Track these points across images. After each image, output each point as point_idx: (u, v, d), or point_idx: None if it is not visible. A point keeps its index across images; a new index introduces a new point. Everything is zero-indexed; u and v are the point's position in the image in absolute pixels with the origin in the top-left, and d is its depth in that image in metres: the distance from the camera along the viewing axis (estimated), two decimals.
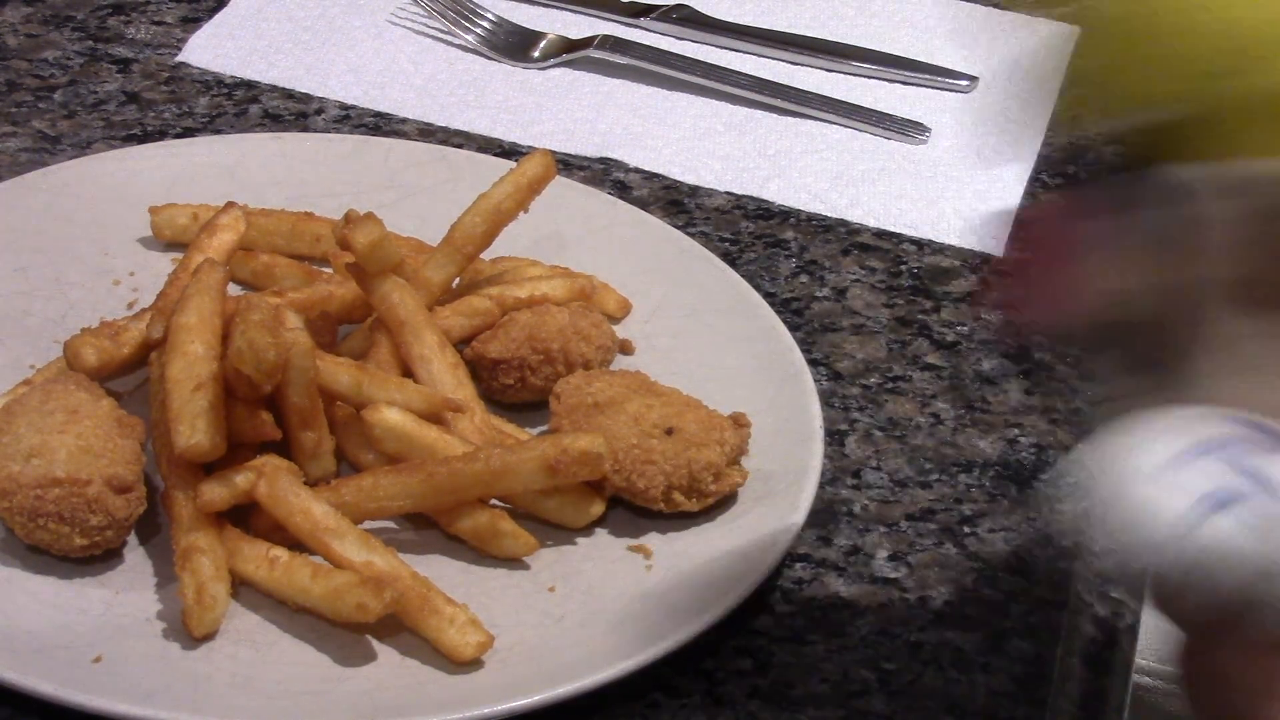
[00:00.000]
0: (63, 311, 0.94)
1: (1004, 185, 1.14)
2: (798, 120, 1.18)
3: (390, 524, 0.85)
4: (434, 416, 0.85)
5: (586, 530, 0.85)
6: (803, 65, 1.23)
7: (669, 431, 0.85)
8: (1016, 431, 0.95)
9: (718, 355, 0.94)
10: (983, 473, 0.93)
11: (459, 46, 1.22)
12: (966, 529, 0.89)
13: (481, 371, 0.91)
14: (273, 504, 0.81)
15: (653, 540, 0.85)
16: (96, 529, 0.80)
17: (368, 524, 0.82)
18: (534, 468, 0.82)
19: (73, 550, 0.80)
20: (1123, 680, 0.78)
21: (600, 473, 0.83)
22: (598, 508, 0.85)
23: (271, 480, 0.81)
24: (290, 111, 1.14)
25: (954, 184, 1.13)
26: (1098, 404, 0.68)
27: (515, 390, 0.91)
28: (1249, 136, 0.63)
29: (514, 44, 1.22)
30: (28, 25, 1.20)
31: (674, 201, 1.10)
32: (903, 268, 1.06)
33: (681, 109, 1.18)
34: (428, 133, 1.13)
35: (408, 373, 0.88)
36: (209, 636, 0.78)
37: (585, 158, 1.12)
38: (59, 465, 0.80)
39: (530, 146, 1.11)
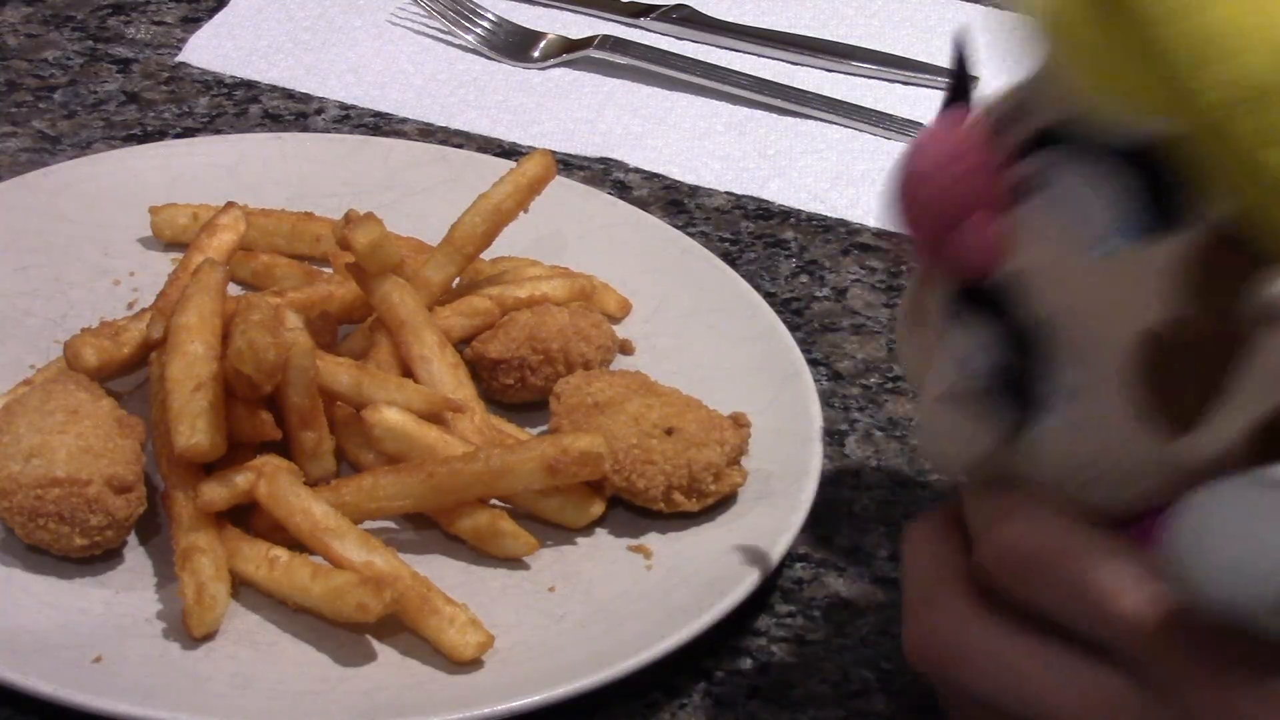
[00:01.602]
0: (63, 311, 0.94)
1: None
2: (798, 120, 1.18)
3: (390, 524, 0.85)
4: (434, 416, 0.85)
5: (586, 530, 0.85)
6: (803, 65, 1.23)
7: (669, 431, 0.85)
8: None
9: (718, 355, 0.94)
10: None
11: (459, 46, 1.22)
12: None
13: (481, 371, 0.91)
14: (273, 504, 0.81)
15: (653, 540, 0.85)
16: (96, 529, 0.80)
17: (368, 524, 0.82)
18: (534, 468, 0.82)
19: (73, 550, 0.80)
20: None
21: (600, 473, 0.83)
22: (598, 508, 0.85)
23: (271, 480, 0.81)
24: (290, 111, 1.14)
25: None
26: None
27: (515, 390, 0.91)
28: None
29: (514, 44, 1.22)
30: (28, 25, 1.20)
31: (674, 201, 1.10)
32: (903, 267, 1.06)
33: (681, 109, 1.18)
34: (428, 133, 1.13)
35: (408, 373, 0.88)
36: (209, 636, 0.78)
37: (585, 158, 1.12)
38: (59, 465, 0.80)
39: (530, 146, 1.11)
